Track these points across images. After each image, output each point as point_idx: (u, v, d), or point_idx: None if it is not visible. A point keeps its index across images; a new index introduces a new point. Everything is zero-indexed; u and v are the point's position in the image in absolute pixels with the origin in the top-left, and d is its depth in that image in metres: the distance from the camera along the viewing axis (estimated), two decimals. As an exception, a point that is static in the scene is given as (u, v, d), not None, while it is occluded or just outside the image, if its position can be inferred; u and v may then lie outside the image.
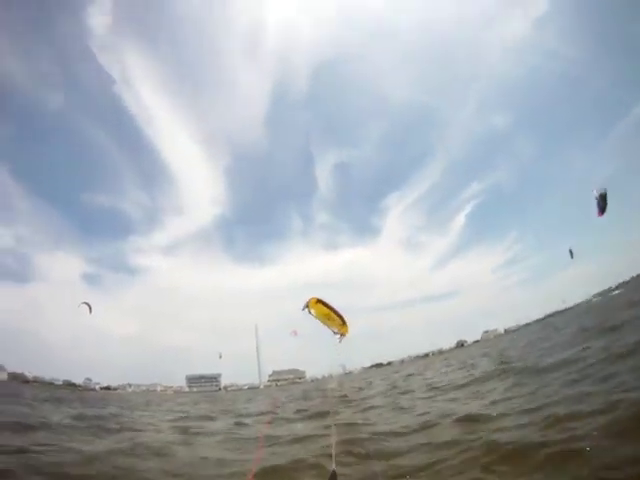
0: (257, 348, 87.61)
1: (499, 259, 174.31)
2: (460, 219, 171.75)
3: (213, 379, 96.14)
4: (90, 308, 30.06)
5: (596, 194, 13.22)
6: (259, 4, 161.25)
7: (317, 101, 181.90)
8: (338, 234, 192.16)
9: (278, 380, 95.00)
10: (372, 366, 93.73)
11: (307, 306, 8.45)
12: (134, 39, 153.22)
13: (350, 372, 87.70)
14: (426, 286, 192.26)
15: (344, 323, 8.58)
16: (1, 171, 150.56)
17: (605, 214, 13.23)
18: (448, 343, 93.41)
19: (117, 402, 31.51)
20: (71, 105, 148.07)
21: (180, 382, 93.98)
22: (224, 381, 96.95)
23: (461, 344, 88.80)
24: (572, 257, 26.33)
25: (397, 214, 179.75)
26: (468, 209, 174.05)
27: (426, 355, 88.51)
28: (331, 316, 8.53)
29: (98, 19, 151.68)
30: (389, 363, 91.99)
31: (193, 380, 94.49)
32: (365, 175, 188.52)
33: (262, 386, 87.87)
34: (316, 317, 8.49)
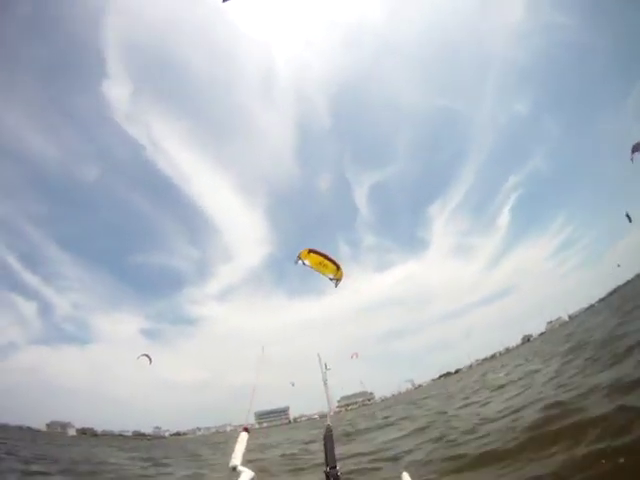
0: (322, 375, 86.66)
1: (551, 246, 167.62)
2: (505, 214, 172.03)
3: (282, 412, 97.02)
4: (150, 359, 32.09)
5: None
6: (265, 49, 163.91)
7: (341, 128, 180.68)
8: (387, 253, 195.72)
9: (348, 405, 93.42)
10: (440, 376, 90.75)
11: (299, 258, 8.65)
12: (155, 104, 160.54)
13: (420, 386, 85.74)
14: (483, 287, 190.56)
15: (338, 268, 8.79)
16: (49, 244, 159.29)
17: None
18: (514, 340, 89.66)
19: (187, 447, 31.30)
20: (106, 175, 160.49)
21: (250, 419, 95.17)
22: (293, 413, 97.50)
23: (527, 339, 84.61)
24: (630, 221, 24.99)
25: (442, 222, 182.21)
26: (511, 203, 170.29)
27: (493, 356, 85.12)
28: (325, 263, 8.73)
29: (116, 91, 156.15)
30: (457, 371, 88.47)
31: (262, 416, 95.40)
32: (403, 189, 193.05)
33: (332, 412, 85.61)
34: (311, 266, 8.66)
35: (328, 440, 2.93)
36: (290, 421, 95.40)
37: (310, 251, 8.82)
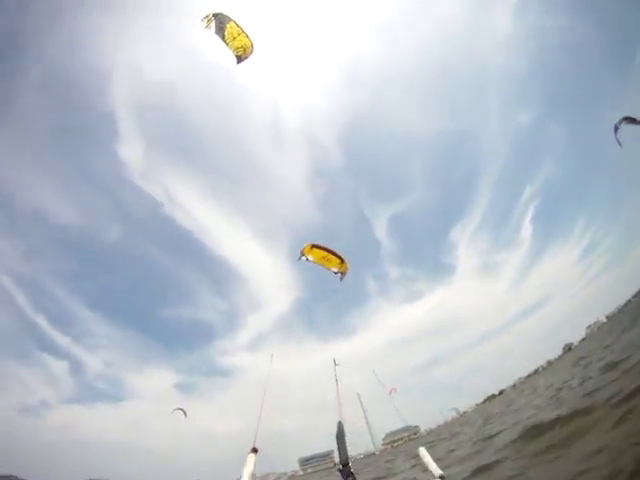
0: (364, 415, 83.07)
1: (577, 250, 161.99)
2: (526, 226, 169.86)
3: (326, 456, 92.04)
4: (185, 413, 31.77)
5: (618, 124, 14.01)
6: (271, 98, 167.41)
7: (354, 165, 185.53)
8: (414, 283, 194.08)
9: (393, 441, 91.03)
10: (485, 400, 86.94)
11: (302, 254, 8.31)
12: (168, 161, 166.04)
13: (464, 412, 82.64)
14: (515, 303, 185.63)
15: (342, 261, 8.45)
16: (77, 303, 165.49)
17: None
18: (555, 351, 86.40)
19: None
20: (128, 234, 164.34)
21: (294, 466, 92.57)
22: (336, 456, 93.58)
23: (568, 348, 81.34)
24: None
25: (465, 244, 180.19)
26: (531, 213, 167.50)
27: (535, 371, 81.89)
28: (328, 257, 8.41)
29: (130, 151, 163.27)
30: (501, 392, 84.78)
31: (305, 462, 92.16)
32: (422, 217, 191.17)
33: (377, 452, 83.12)
34: (314, 262, 8.34)
35: (340, 437, 2.89)
36: (335, 464, 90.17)
37: (313, 246, 8.51)
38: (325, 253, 8.58)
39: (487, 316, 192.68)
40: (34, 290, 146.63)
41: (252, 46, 9.04)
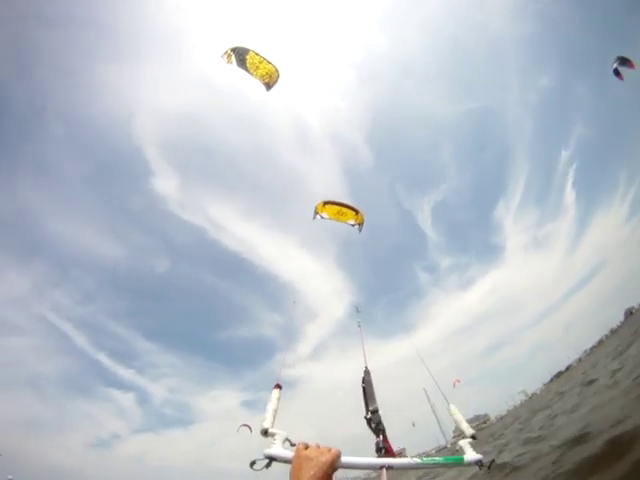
0: (432, 409, 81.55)
1: (624, 209, 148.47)
2: (569, 192, 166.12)
3: (399, 456, 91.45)
4: (250, 429, 31.95)
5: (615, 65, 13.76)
6: (291, 106, 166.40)
7: (385, 161, 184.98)
8: (466, 269, 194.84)
9: (463, 432, 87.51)
10: (552, 378, 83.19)
11: (316, 212, 8.07)
12: (205, 187, 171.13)
13: (533, 394, 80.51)
14: (570, 274, 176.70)
15: (357, 212, 8.21)
16: (135, 337, 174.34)
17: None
18: (617, 318, 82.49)
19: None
20: (176, 263, 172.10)
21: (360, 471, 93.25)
22: (409, 453, 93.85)
23: (629, 312, 77.69)
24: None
25: (511, 222, 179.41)
26: (571, 178, 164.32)
27: (599, 342, 78.60)
28: (343, 211, 8.23)
29: (165, 185, 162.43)
30: (568, 368, 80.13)
31: None
32: (463, 202, 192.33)
33: (449, 444, 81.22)
34: (329, 218, 8.16)
35: (367, 384, 2.85)
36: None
37: (325, 203, 8.30)
38: (339, 207, 8.37)
39: (544, 291, 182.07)
40: (92, 330, 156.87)
41: (277, 70, 9.09)
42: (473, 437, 2.22)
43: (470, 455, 1.97)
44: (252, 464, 1.71)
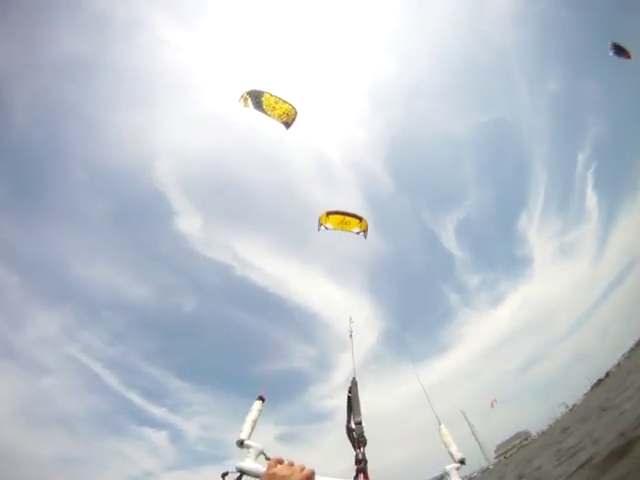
0: (471, 430, 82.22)
1: None
2: (590, 195, 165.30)
3: (440, 479, 62.16)
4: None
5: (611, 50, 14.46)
6: (310, 140, 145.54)
7: (405, 184, 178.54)
8: (495, 285, 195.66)
9: (505, 452, 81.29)
10: (592, 387, 72.80)
11: (320, 224, 8.51)
12: (228, 224, 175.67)
13: (574, 405, 71.79)
14: (601, 277, 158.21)
15: (361, 219, 8.64)
16: (167, 376, 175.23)
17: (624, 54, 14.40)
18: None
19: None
20: (204, 301, 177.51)
21: (411, 498, 69.39)
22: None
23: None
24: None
25: (535, 232, 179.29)
26: (591, 181, 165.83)
27: (637, 344, 68.06)
28: (346, 220, 8.61)
29: (189, 224, 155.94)
30: (607, 374, 70.41)
31: None
32: (486, 217, 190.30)
33: (491, 466, 74.19)
34: (334, 228, 8.53)
35: (354, 395, 2.73)
36: None
37: (329, 214, 8.52)
38: (342, 217, 8.47)
39: (575, 300, 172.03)
40: (123, 370, 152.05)
41: (293, 108, 9.03)
42: (462, 462, 2.18)
43: None
44: (224, 475, 1.67)
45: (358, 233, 8.56)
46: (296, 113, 9.07)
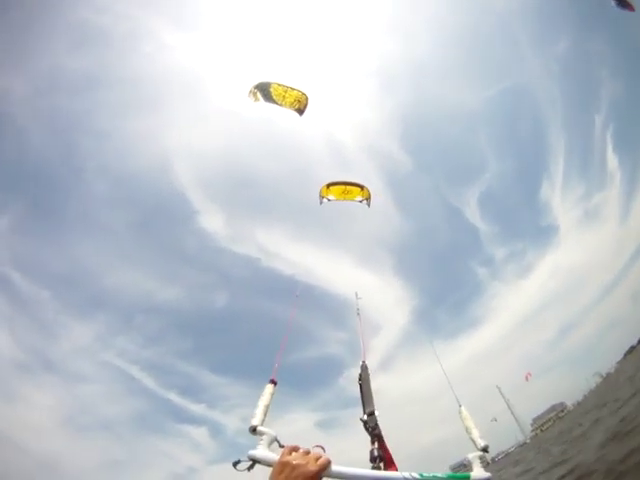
0: (507, 404, 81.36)
1: None
2: (611, 157, 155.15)
3: (461, 466, 67.85)
4: (323, 449, 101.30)
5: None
6: (322, 127, 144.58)
7: (423, 160, 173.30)
8: (523, 255, 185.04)
9: (541, 425, 79.70)
10: (625, 355, 72.51)
11: (322, 197, 8.25)
12: (251, 218, 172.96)
13: (608, 374, 72.02)
14: (629, 239, 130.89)
15: (362, 187, 8.37)
16: (203, 372, 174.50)
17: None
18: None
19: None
20: (235, 295, 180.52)
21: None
22: (491, 451, 64.32)
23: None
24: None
25: (558, 199, 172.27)
26: (610, 143, 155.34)
27: None
28: (348, 189, 8.39)
29: (213, 222, 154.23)
30: None
31: (457, 467, 68.05)
32: (507, 188, 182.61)
33: (528, 439, 72.92)
34: (336, 199, 8.28)
35: (364, 381, 2.55)
36: (488, 463, 70.86)
37: (329, 185, 8.29)
38: (344, 187, 8.20)
39: (605, 264, 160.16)
40: (159, 371, 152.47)
41: (304, 94, 8.95)
42: (485, 450, 1.99)
43: (478, 473, 1.70)
44: (235, 464, 1.61)
45: (361, 202, 8.45)
46: (307, 98, 9.02)
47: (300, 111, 8.96)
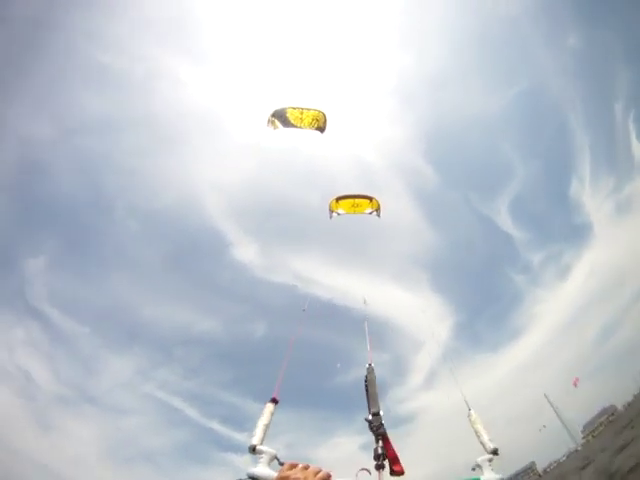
0: (555, 412, 77.20)
1: None
2: (636, 146, 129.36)
3: (528, 470, 77.80)
4: (369, 471, 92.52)
5: None
6: (346, 148, 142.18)
7: (449, 173, 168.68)
8: (559, 257, 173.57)
9: (592, 431, 73.26)
10: None
11: (332, 211, 8.38)
12: (284, 246, 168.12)
13: None
14: None
15: (371, 199, 8.41)
16: (245, 402, 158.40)
17: None
18: None
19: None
20: (273, 325, 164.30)
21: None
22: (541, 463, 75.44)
23: None
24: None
25: (589, 195, 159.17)
26: (632, 130, 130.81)
27: None
28: (357, 202, 8.47)
29: (246, 252, 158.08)
30: None
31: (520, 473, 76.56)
32: (537, 190, 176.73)
33: (579, 447, 66.62)
34: (346, 213, 8.36)
35: (370, 382, 2.57)
36: (540, 475, 75.46)
37: (338, 199, 8.33)
38: (352, 200, 8.26)
39: None
40: (201, 401, 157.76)
41: (320, 112, 8.99)
42: (494, 452, 1.92)
43: (489, 476, 1.68)
44: None
45: (370, 213, 8.47)
46: (324, 115, 8.99)
47: (321, 129, 8.96)
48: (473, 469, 1.91)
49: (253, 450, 1.81)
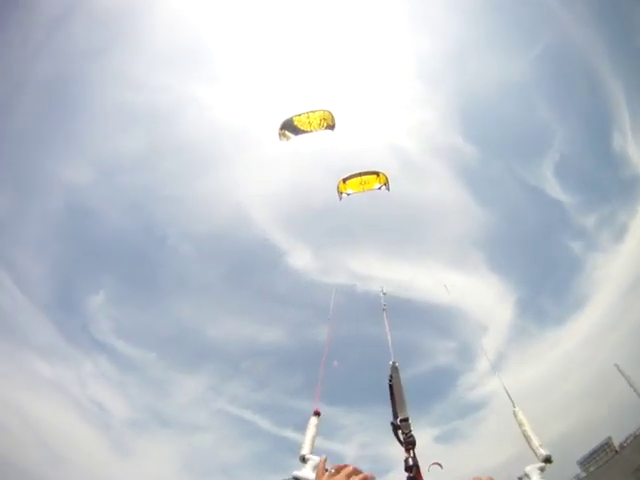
0: (628, 382, 68.99)
1: None
2: None
3: (604, 446, 63.74)
4: (440, 466, 64.95)
5: None
6: (382, 139, 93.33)
7: (490, 146, 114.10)
8: (614, 218, 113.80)
9: None
10: None
11: (340, 192, 8.15)
12: (337, 246, 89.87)
13: None
14: None
15: (378, 174, 8.24)
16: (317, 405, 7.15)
17: None
18: None
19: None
20: (336, 326, 15.10)
21: (574, 470, 69.41)
22: (617, 439, 62.85)
23: None
24: None
25: (633, 146, 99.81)
26: None
27: None
28: (364, 179, 8.29)
29: (301, 259, 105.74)
30: None
31: (585, 462, 63.19)
32: (580, 149, 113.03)
33: None
34: (355, 192, 8.18)
35: (395, 383, 2.39)
36: (617, 451, 64.74)
37: (345, 179, 8.20)
38: (359, 178, 8.17)
39: None
40: (272, 411, 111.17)
41: (326, 111, 8.89)
42: (547, 460, 1.70)
43: None
44: None
45: (379, 188, 8.36)
46: (331, 113, 9.05)
47: (330, 127, 8.94)
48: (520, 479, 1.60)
49: (302, 459, 2.00)
